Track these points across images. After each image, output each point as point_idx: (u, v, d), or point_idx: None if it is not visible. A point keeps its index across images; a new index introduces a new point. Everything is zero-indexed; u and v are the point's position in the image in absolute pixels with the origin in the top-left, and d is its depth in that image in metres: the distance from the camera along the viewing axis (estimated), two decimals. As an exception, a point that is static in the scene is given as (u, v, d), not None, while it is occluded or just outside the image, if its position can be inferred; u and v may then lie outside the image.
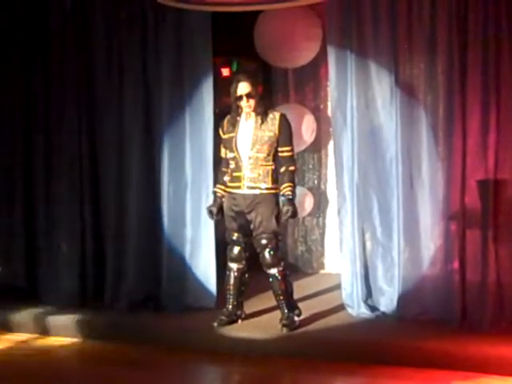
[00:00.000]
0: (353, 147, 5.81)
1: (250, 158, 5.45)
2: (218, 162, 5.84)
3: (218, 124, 5.81)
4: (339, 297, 6.00)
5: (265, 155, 5.43)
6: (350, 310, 5.87)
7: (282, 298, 5.54)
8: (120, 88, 6.34)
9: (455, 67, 5.45)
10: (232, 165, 5.53)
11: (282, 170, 5.47)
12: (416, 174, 5.66)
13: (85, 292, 6.46)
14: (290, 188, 5.41)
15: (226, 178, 5.59)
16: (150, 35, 6.23)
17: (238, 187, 5.50)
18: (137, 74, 6.28)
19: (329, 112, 6.88)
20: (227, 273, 5.69)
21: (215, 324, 5.61)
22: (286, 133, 5.48)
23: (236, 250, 5.62)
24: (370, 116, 5.79)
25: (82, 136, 6.46)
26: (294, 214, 5.44)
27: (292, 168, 5.47)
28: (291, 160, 5.51)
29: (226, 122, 5.60)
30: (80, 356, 5.55)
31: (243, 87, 5.41)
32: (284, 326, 5.48)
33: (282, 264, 5.54)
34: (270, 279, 5.53)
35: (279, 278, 5.50)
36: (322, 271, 7.59)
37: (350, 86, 5.78)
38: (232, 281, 5.66)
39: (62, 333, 5.94)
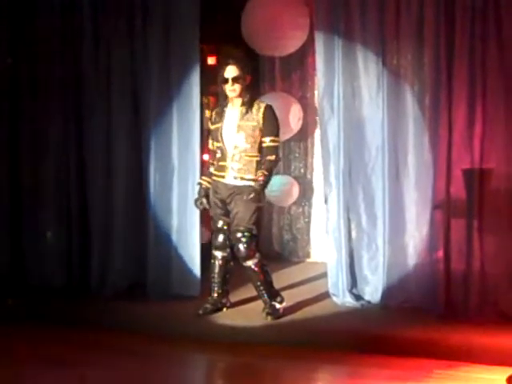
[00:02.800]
0: (339, 136, 5.82)
1: (234, 148, 5.43)
2: (205, 150, 5.83)
3: (204, 112, 5.81)
4: (324, 285, 6.01)
5: (249, 146, 5.41)
6: (335, 299, 5.89)
7: (261, 288, 5.55)
8: (107, 76, 6.30)
9: (442, 58, 5.46)
10: (218, 154, 5.52)
11: (262, 160, 5.43)
12: (402, 163, 5.68)
13: (70, 280, 6.44)
14: (262, 175, 5.36)
15: (211, 169, 5.60)
16: (138, 22, 6.19)
17: (222, 176, 5.50)
18: (124, 62, 6.26)
19: (315, 101, 6.88)
20: (212, 261, 5.70)
21: (200, 312, 5.62)
22: (270, 123, 5.42)
23: (220, 237, 5.61)
24: (356, 105, 5.80)
25: (69, 123, 6.42)
26: (256, 201, 5.38)
27: (271, 158, 5.41)
28: (272, 150, 5.44)
29: (214, 113, 5.60)
30: (66, 343, 5.53)
31: (230, 70, 5.38)
32: (268, 314, 5.51)
33: (257, 256, 5.51)
34: (248, 272, 5.53)
35: (256, 269, 5.50)
36: (307, 260, 7.61)
37: (337, 75, 5.78)
38: (217, 269, 5.67)
39: (48, 320, 5.92)
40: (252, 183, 5.39)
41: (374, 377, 4.77)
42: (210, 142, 5.64)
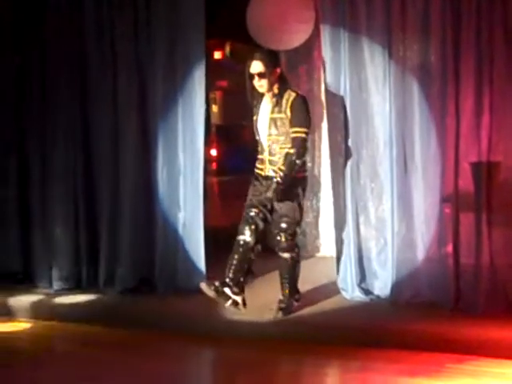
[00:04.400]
0: (346, 129, 5.79)
1: (268, 140, 5.40)
2: (212, 145, 5.82)
3: (211, 107, 5.79)
4: (334, 280, 5.99)
5: (283, 138, 5.33)
6: (344, 294, 5.87)
7: (287, 281, 5.54)
8: (113, 72, 6.30)
9: (448, 49, 5.42)
10: (259, 147, 5.51)
11: (287, 152, 5.31)
12: (409, 156, 5.64)
13: (79, 276, 6.46)
14: (278, 171, 5.27)
15: (257, 161, 5.54)
16: (143, 17, 6.19)
17: (262, 169, 5.47)
18: (130, 58, 6.25)
19: (322, 94, 6.85)
20: (234, 247, 5.41)
21: (202, 283, 5.38)
22: (298, 114, 5.29)
23: (247, 227, 5.34)
24: (363, 98, 5.76)
25: (76, 121, 6.43)
26: (270, 201, 5.30)
27: (292, 151, 5.26)
28: (295, 142, 5.27)
29: (254, 105, 5.52)
30: (76, 340, 5.53)
31: (256, 66, 5.32)
32: (281, 309, 5.49)
33: (297, 250, 5.52)
34: (281, 262, 5.51)
35: (290, 263, 5.50)
36: (317, 254, 7.59)
37: (344, 67, 5.75)
38: (236, 255, 5.35)
39: (57, 317, 5.94)
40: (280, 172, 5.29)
41: (383, 371, 4.76)
42: (254, 131, 5.56)
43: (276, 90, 5.36)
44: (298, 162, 5.29)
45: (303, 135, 5.31)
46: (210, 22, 6.23)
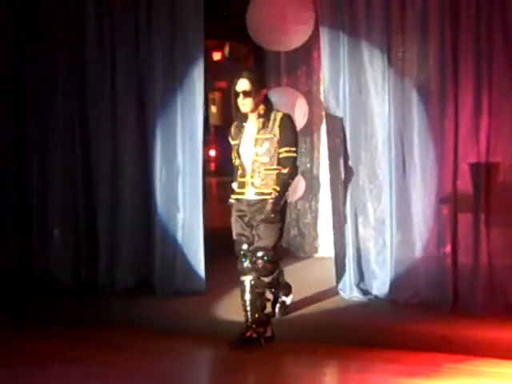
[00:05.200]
0: (345, 130, 5.80)
1: (253, 162, 5.22)
2: (210, 146, 5.82)
3: (209, 107, 5.78)
4: (332, 280, 6.01)
5: (268, 159, 5.19)
6: (342, 294, 5.88)
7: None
8: (112, 72, 6.30)
9: (447, 50, 5.43)
10: (239, 170, 5.33)
11: (278, 172, 5.18)
12: (408, 157, 5.65)
13: (78, 277, 6.45)
14: (273, 191, 5.12)
15: (234, 185, 5.40)
16: (142, 17, 6.20)
17: (243, 193, 5.29)
18: (129, 58, 6.26)
19: (321, 95, 6.87)
20: (241, 288, 5.29)
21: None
22: (287, 133, 5.17)
23: (246, 262, 5.24)
24: (362, 99, 5.78)
25: (74, 119, 6.42)
26: (272, 218, 5.14)
27: (285, 170, 5.15)
28: (287, 162, 5.16)
29: (233, 127, 5.38)
30: (76, 341, 5.54)
31: (242, 83, 5.16)
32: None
33: (276, 272, 5.30)
34: (260, 284, 5.22)
35: (267, 285, 5.26)
36: (315, 255, 7.60)
37: (343, 69, 5.77)
38: (246, 296, 5.22)
39: (57, 318, 5.93)
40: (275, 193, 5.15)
41: (382, 371, 4.76)
42: (234, 157, 5.39)
43: (262, 111, 5.20)
44: (291, 181, 5.21)
45: (294, 154, 5.21)
46: (209, 22, 6.24)
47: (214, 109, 17.72)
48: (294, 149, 5.20)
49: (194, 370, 5.06)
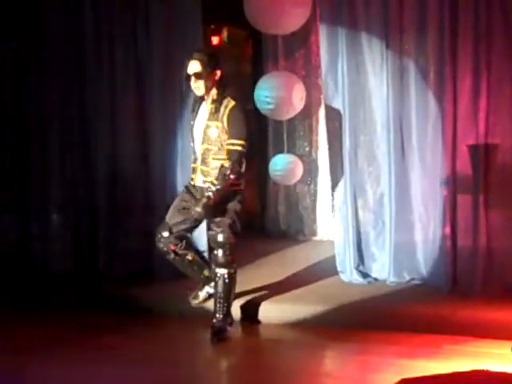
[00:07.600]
0: (344, 113, 5.79)
1: (202, 149, 5.07)
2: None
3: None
4: (331, 263, 6.01)
5: (216, 148, 5.02)
6: (342, 277, 5.90)
7: (221, 300, 5.12)
8: (111, 60, 6.33)
9: (446, 31, 5.40)
10: (192, 155, 5.23)
11: (221, 164, 4.98)
12: (407, 139, 5.64)
13: (79, 263, 6.48)
14: (212, 186, 4.97)
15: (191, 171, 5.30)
16: (141, 4, 6.21)
17: (192, 179, 5.20)
18: (127, 47, 6.28)
19: (319, 79, 6.85)
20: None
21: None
22: (235, 124, 4.93)
23: (165, 232, 5.20)
24: (361, 81, 5.76)
25: (73, 109, 6.47)
26: (200, 216, 5.04)
27: (227, 164, 4.93)
28: (231, 155, 4.94)
29: (190, 109, 5.25)
30: (77, 327, 5.55)
31: (192, 65, 4.97)
32: (214, 334, 5.09)
33: (234, 266, 5.13)
34: (216, 279, 5.12)
35: (226, 280, 5.10)
36: (313, 238, 7.61)
37: (341, 51, 5.74)
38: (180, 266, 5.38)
39: (59, 304, 5.95)
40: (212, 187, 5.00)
41: (382, 353, 4.77)
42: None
43: (215, 96, 5.01)
44: (232, 176, 4.96)
45: (240, 148, 4.95)
46: (206, 7, 6.21)
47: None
48: (239, 142, 4.96)
49: (192, 353, 5.07)
